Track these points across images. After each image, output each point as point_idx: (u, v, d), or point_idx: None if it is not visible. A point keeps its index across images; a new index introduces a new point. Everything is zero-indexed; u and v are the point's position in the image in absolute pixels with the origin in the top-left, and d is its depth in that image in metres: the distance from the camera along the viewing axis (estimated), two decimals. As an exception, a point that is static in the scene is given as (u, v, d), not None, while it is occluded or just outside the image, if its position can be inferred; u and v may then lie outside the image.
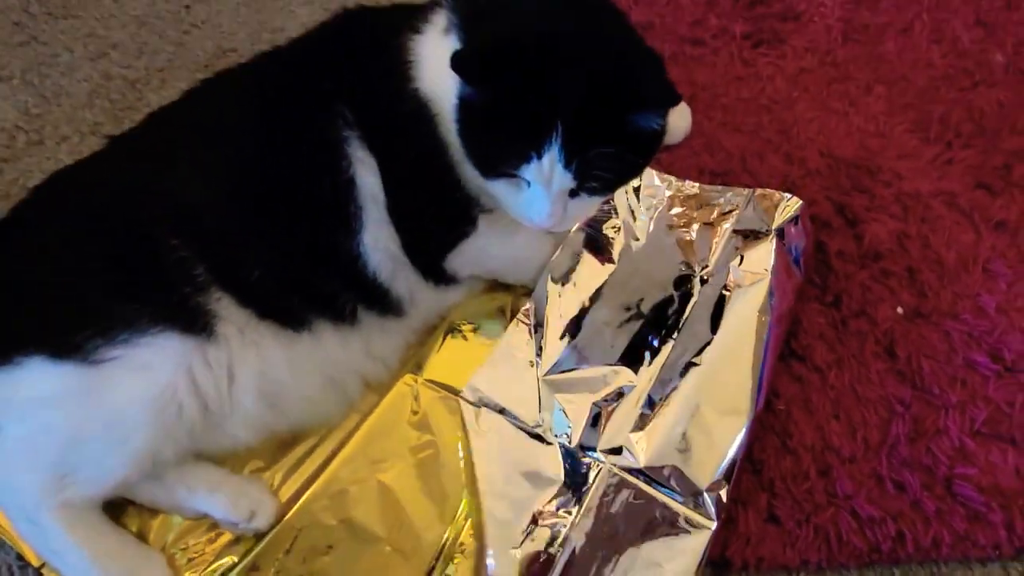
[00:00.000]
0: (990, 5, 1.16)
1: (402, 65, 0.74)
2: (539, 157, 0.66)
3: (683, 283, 0.83)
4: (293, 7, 1.24)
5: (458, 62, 0.65)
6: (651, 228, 0.86)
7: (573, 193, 0.70)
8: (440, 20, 0.76)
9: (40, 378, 0.68)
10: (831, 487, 0.75)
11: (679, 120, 1.02)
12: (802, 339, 0.85)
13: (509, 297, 0.88)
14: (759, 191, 0.87)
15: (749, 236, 0.84)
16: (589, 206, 0.74)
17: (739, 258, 0.83)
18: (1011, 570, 0.73)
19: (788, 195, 0.86)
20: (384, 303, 0.79)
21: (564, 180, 0.68)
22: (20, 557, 0.73)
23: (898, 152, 1.01)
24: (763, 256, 0.82)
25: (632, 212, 0.87)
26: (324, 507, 0.75)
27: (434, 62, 0.73)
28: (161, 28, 1.21)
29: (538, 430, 0.76)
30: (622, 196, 0.88)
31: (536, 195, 0.69)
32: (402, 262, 0.79)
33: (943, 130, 1.03)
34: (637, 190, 0.89)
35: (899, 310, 0.87)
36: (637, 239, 0.85)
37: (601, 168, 0.68)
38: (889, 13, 1.17)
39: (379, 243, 0.77)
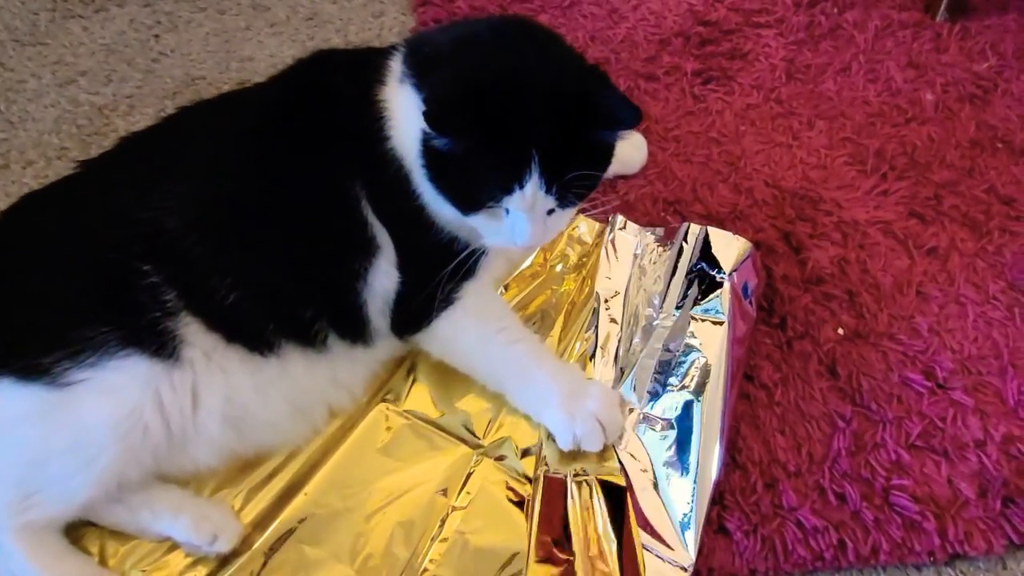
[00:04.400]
0: (920, 48, 1.25)
1: (377, 122, 0.76)
2: (521, 188, 0.69)
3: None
4: (261, 37, 1.27)
5: (433, 119, 0.67)
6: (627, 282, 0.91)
7: (550, 211, 0.74)
8: (396, 68, 0.78)
9: (7, 399, 0.69)
10: (777, 499, 0.79)
11: (635, 152, 1.07)
12: (750, 359, 0.89)
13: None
14: (711, 231, 0.91)
15: (704, 281, 0.87)
16: (565, 218, 0.77)
17: (694, 305, 0.86)
18: (944, 575, 0.77)
19: (738, 237, 0.90)
20: (358, 333, 0.81)
21: (546, 203, 0.71)
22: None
23: (838, 183, 1.08)
24: (719, 303, 0.85)
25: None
26: (291, 532, 0.76)
27: (398, 115, 0.76)
28: (130, 56, 1.23)
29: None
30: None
31: (518, 220, 0.72)
32: (391, 303, 0.81)
33: (879, 163, 1.10)
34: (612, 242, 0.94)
35: (840, 331, 0.93)
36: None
37: (577, 184, 0.71)
38: (829, 54, 1.25)
39: (381, 285, 0.79)
